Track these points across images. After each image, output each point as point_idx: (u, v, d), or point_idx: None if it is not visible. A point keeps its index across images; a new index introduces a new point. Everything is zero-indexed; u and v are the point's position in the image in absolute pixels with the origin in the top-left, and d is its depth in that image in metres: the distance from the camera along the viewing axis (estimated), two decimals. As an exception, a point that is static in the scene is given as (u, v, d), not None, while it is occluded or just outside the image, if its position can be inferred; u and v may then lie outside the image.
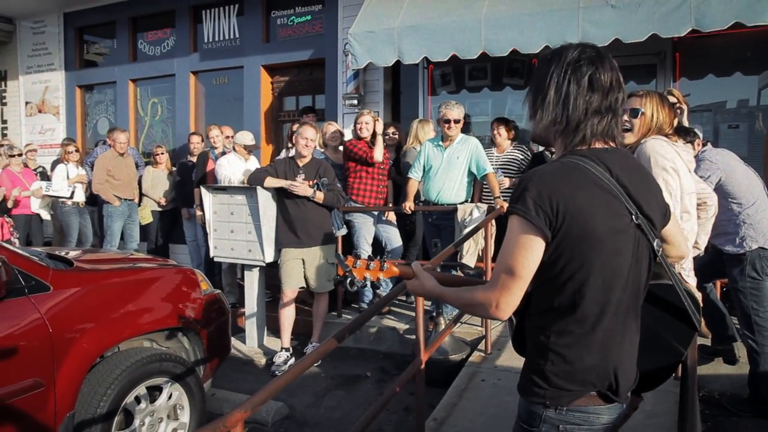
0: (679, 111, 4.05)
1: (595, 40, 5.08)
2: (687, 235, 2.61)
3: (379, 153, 5.51)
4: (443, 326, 4.85)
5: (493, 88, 6.90)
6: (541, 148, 5.96)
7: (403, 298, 6.17)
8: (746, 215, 3.78)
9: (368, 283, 1.90)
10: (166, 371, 3.25)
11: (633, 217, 1.47)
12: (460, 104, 5.19)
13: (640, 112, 2.72)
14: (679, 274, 2.61)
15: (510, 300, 1.45)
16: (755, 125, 6.02)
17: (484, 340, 4.73)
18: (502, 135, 5.79)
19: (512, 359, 4.49)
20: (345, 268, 1.86)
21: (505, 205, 5.00)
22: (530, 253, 1.42)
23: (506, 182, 5.47)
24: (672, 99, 4.12)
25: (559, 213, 1.39)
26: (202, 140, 7.28)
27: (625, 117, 2.77)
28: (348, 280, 1.86)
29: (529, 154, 6.00)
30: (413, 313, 5.75)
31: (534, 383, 1.52)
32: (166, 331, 3.55)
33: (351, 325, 2.46)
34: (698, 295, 2.54)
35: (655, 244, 1.54)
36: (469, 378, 4.25)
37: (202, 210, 5.93)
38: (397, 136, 6.29)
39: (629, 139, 2.80)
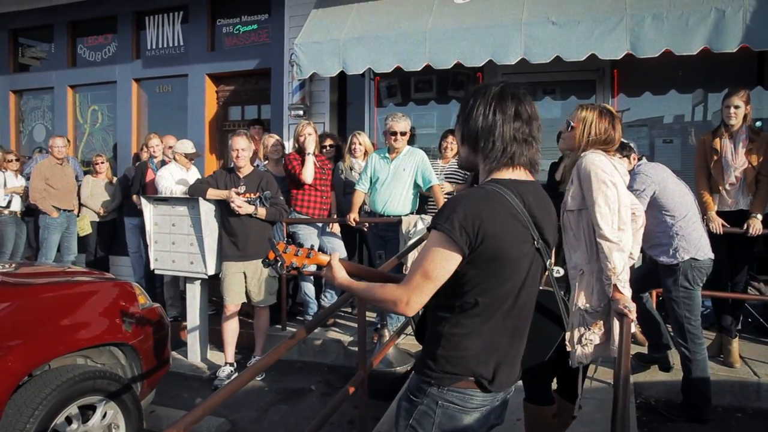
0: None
1: (537, 57, 5.24)
2: (623, 247, 2.68)
3: (308, 174, 5.47)
4: (387, 338, 4.86)
5: (439, 100, 6.98)
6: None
7: (348, 310, 6.15)
8: (679, 227, 3.91)
9: (296, 270, 2.08)
10: (101, 389, 3.11)
11: (535, 242, 1.74)
12: (406, 117, 5.23)
13: (570, 125, 2.84)
14: (615, 286, 2.70)
15: (420, 299, 1.69)
16: (688, 140, 6.29)
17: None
18: (453, 147, 5.74)
19: (457, 370, 4.50)
20: (276, 252, 2.04)
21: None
22: (447, 264, 1.65)
23: (447, 187, 5.51)
24: None
25: (479, 236, 1.62)
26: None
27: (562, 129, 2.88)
28: (278, 264, 2.03)
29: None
30: (356, 326, 5.72)
31: (426, 365, 1.78)
32: (102, 347, 3.42)
33: (293, 338, 2.43)
34: (569, 304, 2.74)
35: (548, 263, 1.85)
36: (414, 389, 4.25)
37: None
38: (333, 148, 6.27)
39: (561, 145, 2.96)
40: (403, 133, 5.15)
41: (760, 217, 4.49)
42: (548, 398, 2.87)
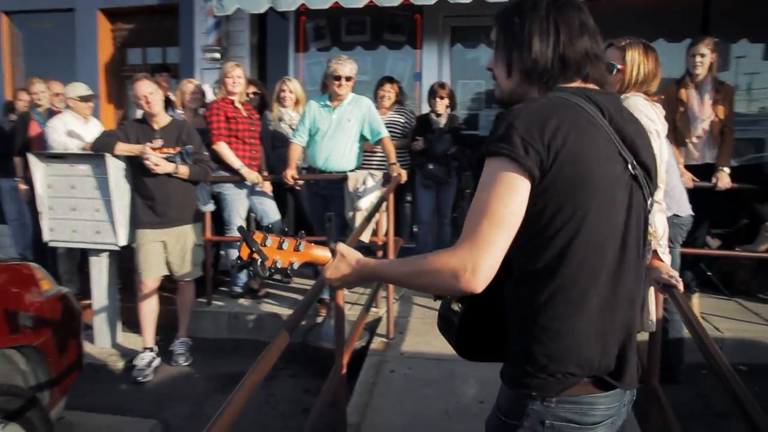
0: None
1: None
2: (664, 207, 2.30)
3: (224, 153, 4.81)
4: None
5: (372, 45, 6.35)
6: (425, 111, 5.59)
7: (278, 277, 5.51)
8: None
9: (277, 268, 1.47)
10: (-3, 408, 2.37)
11: (629, 166, 1.27)
12: (352, 59, 4.56)
13: (615, 69, 2.37)
14: (654, 251, 2.32)
15: (491, 259, 1.15)
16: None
17: (383, 323, 4.27)
18: (392, 97, 5.40)
19: (419, 344, 4.06)
20: (252, 246, 1.45)
21: (403, 173, 4.55)
22: (516, 195, 1.16)
23: None
24: None
25: (551, 151, 1.17)
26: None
27: None
28: (259, 262, 1.45)
29: (412, 117, 5.61)
30: (296, 296, 5.15)
31: (521, 371, 1.28)
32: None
33: (277, 343, 1.83)
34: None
35: (649, 202, 1.34)
36: (376, 369, 3.76)
37: (29, 183, 4.84)
38: (258, 96, 5.57)
39: None
40: (348, 78, 4.48)
41: (727, 170, 4.36)
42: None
